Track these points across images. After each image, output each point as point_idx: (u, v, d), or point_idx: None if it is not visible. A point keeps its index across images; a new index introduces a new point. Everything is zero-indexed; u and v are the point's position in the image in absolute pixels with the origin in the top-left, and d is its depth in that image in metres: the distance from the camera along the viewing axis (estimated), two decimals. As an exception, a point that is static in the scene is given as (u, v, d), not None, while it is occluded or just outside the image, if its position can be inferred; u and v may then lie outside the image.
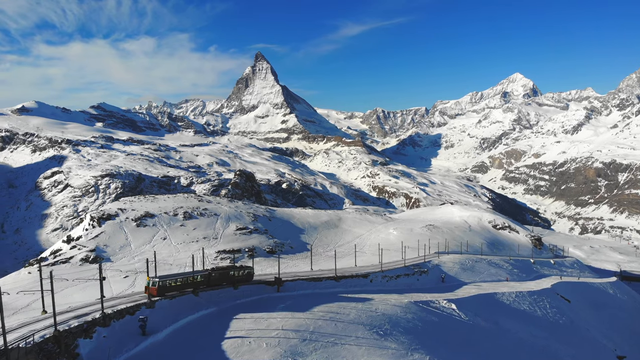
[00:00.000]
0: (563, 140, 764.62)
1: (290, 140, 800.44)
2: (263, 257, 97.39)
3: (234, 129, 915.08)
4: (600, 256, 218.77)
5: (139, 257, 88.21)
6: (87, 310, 39.31)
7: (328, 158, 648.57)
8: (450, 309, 63.87)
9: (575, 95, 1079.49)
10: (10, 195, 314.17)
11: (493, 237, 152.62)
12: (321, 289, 64.32)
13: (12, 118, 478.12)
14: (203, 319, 44.63)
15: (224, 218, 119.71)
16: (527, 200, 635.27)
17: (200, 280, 52.72)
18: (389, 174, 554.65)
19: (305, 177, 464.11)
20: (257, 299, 53.86)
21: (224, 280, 55.78)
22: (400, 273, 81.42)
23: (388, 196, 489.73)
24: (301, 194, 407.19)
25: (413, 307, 58.94)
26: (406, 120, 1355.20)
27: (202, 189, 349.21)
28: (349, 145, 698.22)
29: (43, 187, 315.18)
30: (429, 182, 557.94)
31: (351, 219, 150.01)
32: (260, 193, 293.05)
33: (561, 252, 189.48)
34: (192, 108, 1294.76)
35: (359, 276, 72.54)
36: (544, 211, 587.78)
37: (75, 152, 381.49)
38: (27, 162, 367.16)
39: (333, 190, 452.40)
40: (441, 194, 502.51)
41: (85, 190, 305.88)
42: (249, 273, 59.73)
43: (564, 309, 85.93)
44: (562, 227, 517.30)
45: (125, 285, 64.16)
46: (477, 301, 72.74)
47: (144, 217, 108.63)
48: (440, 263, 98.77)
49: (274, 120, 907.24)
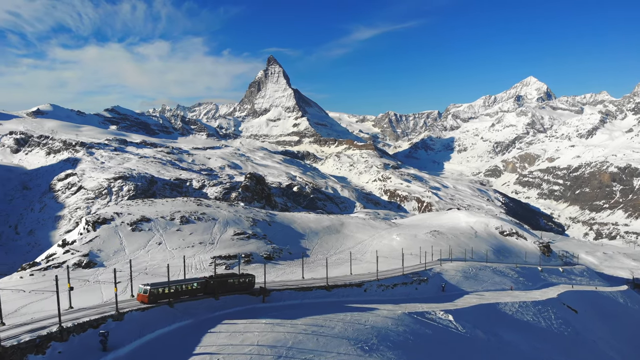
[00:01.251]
0: (577, 145, 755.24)
1: (301, 144, 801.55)
2: (260, 263, 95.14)
3: (246, 132, 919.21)
4: (613, 263, 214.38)
5: (133, 262, 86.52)
6: (49, 322, 36.87)
7: (339, 161, 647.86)
8: (447, 321, 61.17)
9: (590, 99, 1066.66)
10: (24, 197, 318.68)
11: (500, 244, 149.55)
12: (311, 299, 61.51)
13: (27, 121, 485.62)
14: (175, 332, 42.04)
15: (222, 223, 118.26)
16: (540, 204, 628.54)
17: (196, 287, 51.32)
18: (400, 177, 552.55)
19: (316, 181, 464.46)
20: (239, 310, 50.93)
21: (223, 288, 54.03)
22: (397, 282, 78.52)
23: (400, 200, 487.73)
24: (312, 197, 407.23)
25: (406, 319, 56.22)
26: (418, 124, 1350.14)
27: (214, 191, 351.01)
28: (361, 148, 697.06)
29: (57, 189, 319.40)
30: (442, 186, 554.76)
31: (354, 224, 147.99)
32: (271, 196, 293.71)
33: (574, 259, 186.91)
34: (205, 111, 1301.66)
35: (353, 285, 69.73)
36: (558, 216, 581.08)
37: (89, 155, 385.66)
38: (42, 164, 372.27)
39: (344, 193, 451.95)
40: (454, 198, 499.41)
41: (99, 193, 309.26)
42: (250, 281, 58.08)
43: (570, 320, 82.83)
44: (577, 232, 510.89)
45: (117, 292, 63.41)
46: (477, 312, 70.19)
47: (139, 222, 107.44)
48: (442, 271, 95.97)
49: (285, 124, 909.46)
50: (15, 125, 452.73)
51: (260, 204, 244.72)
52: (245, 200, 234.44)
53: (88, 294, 59.59)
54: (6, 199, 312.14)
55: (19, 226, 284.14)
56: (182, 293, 49.70)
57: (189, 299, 49.93)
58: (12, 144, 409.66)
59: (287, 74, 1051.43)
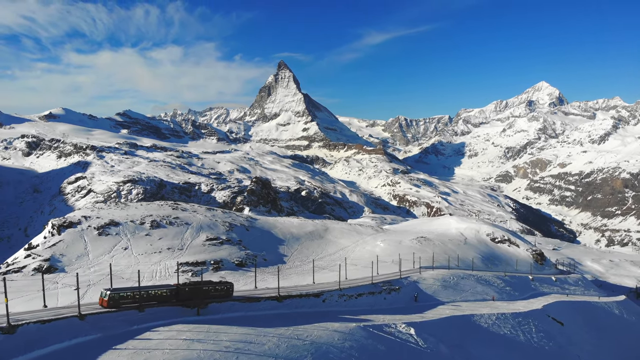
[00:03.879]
0: (590, 150, 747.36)
1: (311, 148, 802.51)
2: (231, 270, 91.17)
3: (255, 137, 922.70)
4: (619, 271, 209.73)
5: (96, 267, 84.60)
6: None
7: (348, 166, 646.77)
8: (407, 335, 55.66)
9: (602, 104, 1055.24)
10: (34, 200, 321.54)
11: (490, 251, 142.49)
12: (256, 311, 56.04)
13: (39, 124, 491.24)
14: (72, 349, 37.24)
15: (196, 227, 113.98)
16: (552, 211, 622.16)
17: (165, 294, 49.94)
18: (410, 182, 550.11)
19: (324, 185, 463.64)
20: (164, 323, 44.99)
21: (197, 296, 52.35)
22: (363, 291, 72.76)
23: (409, 205, 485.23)
24: (320, 201, 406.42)
25: (359, 333, 50.28)
26: (429, 129, 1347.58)
27: (222, 195, 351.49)
28: (370, 153, 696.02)
29: (66, 192, 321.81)
30: (452, 192, 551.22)
31: (339, 229, 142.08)
32: (277, 200, 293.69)
33: (579, 267, 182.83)
34: (216, 116, 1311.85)
35: (310, 295, 64.09)
36: (570, 222, 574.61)
37: (99, 158, 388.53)
38: (52, 168, 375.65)
39: (352, 198, 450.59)
40: (464, 204, 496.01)
41: (108, 196, 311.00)
42: (227, 289, 56.17)
43: (553, 333, 76.79)
44: (588, 239, 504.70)
45: (73, 298, 59.31)
46: (447, 324, 64.58)
47: (107, 226, 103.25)
48: (420, 279, 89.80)
49: (295, 128, 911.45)
50: (27, 129, 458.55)
51: (266, 208, 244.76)
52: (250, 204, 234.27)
53: (39, 300, 54.64)
54: (17, 201, 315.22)
55: (28, 229, 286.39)
56: (149, 299, 48.26)
57: (157, 305, 48.45)
58: (24, 147, 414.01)
59: (297, 79, 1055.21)
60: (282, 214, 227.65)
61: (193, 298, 51.85)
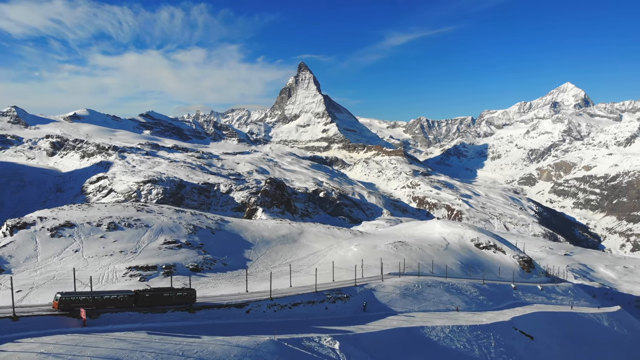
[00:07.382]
0: (615, 153, 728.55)
1: (330, 149, 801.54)
2: (184, 275, 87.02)
3: (275, 138, 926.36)
4: (633, 277, 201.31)
5: (43, 269, 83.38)
6: None
7: (368, 167, 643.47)
8: (329, 349, 49.08)
9: (629, 106, 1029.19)
10: (57, 199, 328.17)
11: (472, 257, 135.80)
12: (159, 322, 49.98)
13: (64, 125, 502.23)
14: None
15: (155, 230, 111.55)
16: (576, 214, 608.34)
17: (123, 299, 49.03)
18: (430, 184, 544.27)
19: (343, 186, 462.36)
20: (37, 334, 40.10)
21: (157, 302, 51.31)
22: (300, 300, 66.70)
23: (429, 207, 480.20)
24: (338, 203, 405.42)
25: (266, 348, 43.94)
26: (451, 130, 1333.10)
27: (240, 196, 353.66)
28: (390, 154, 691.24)
29: (88, 192, 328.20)
30: (473, 194, 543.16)
31: (314, 232, 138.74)
32: (290, 201, 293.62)
33: (590, 273, 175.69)
34: (237, 117, 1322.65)
35: (231, 306, 58.63)
36: (594, 226, 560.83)
37: (121, 159, 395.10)
38: (76, 168, 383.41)
39: (371, 200, 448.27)
40: (485, 207, 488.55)
41: (128, 196, 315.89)
42: (190, 295, 54.83)
43: (516, 348, 68.86)
44: (613, 243, 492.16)
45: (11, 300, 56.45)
46: (388, 337, 58.08)
47: (61, 227, 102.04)
48: (378, 287, 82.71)
49: (315, 130, 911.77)
50: (52, 129, 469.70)
51: (280, 209, 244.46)
52: (264, 205, 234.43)
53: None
54: (40, 200, 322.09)
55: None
56: (104, 304, 47.74)
57: (114, 311, 47.72)
58: (48, 147, 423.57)
59: (317, 80, 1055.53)
60: (296, 215, 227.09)
61: (153, 304, 51.03)
